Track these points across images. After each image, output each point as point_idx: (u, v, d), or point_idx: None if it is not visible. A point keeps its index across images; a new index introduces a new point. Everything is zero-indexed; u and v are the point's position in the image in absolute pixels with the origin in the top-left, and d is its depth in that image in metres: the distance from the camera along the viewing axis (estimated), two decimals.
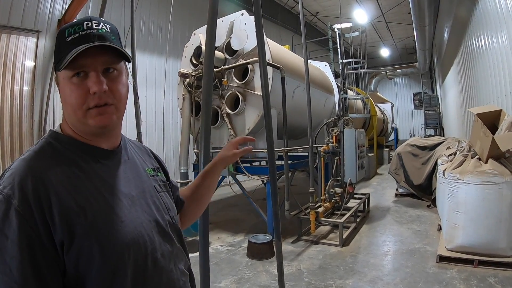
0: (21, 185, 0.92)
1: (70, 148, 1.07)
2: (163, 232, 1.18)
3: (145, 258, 1.06)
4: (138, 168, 1.26)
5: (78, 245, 0.94)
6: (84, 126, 1.07)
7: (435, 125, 23.61)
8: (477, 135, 5.12)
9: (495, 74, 6.96)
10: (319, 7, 17.92)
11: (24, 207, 0.90)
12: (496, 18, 6.52)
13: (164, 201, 1.27)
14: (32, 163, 0.99)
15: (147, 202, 1.18)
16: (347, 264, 5.07)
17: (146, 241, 1.08)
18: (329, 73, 11.00)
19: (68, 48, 1.02)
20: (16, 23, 7.10)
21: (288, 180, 6.40)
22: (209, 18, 2.33)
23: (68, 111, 1.08)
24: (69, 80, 1.03)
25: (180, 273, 1.22)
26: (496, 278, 4.32)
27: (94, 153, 1.11)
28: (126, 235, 1.02)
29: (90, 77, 1.03)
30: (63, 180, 0.98)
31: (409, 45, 24.46)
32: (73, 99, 1.03)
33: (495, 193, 4.54)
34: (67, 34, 1.04)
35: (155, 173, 1.34)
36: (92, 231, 0.96)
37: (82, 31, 1.04)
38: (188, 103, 6.53)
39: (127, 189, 1.13)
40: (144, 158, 1.35)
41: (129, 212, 1.08)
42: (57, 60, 1.05)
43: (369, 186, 11.75)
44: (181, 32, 11.10)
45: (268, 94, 2.76)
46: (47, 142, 1.08)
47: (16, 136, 7.11)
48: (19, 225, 0.88)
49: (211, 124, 6.66)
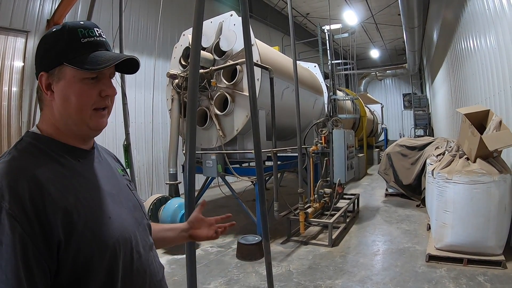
0: (11, 186, 0.90)
1: (52, 148, 1.07)
2: (141, 227, 1.23)
3: (131, 252, 1.11)
4: (112, 168, 1.29)
5: (75, 243, 0.94)
6: (81, 127, 1.10)
7: (425, 125, 23.77)
8: (465, 135, 5.16)
9: (483, 75, 7.02)
10: (309, 9, 17.95)
11: (16, 209, 0.88)
12: (485, 19, 6.58)
13: (137, 198, 1.32)
14: (20, 164, 0.98)
15: (126, 199, 1.22)
16: (336, 264, 5.07)
17: (131, 236, 1.12)
18: (319, 74, 11.03)
19: (85, 49, 1.07)
20: (5, 23, 6.99)
21: (277, 181, 6.40)
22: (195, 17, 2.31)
23: (66, 110, 1.07)
24: (80, 80, 1.06)
25: (159, 266, 1.29)
26: (485, 277, 4.35)
27: (75, 153, 1.12)
28: (115, 231, 1.06)
29: (105, 82, 1.11)
30: (53, 179, 0.98)
31: (399, 46, 24.62)
32: (83, 99, 1.07)
33: (483, 192, 4.57)
34: (80, 35, 1.08)
35: (124, 173, 1.39)
36: (86, 229, 0.98)
37: (96, 37, 1.11)
38: (177, 104, 6.50)
39: (108, 187, 1.15)
40: (111, 160, 1.38)
41: (113, 209, 1.11)
42: (66, 54, 1.06)
43: (359, 187, 11.80)
44: (171, 33, 11.04)
45: (255, 95, 2.75)
46: (27, 142, 1.06)
47: (4, 137, 7.01)
48: (12, 228, 0.86)
49: (200, 125, 6.73)
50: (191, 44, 2.42)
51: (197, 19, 2.33)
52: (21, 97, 7.33)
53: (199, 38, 2.40)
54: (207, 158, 6.50)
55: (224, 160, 6.51)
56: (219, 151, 6.62)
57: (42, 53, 1.08)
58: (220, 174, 6.47)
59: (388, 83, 29.64)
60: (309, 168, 6.82)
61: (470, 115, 5.11)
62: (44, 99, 1.10)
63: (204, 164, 6.55)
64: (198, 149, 6.87)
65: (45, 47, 1.08)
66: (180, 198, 6.17)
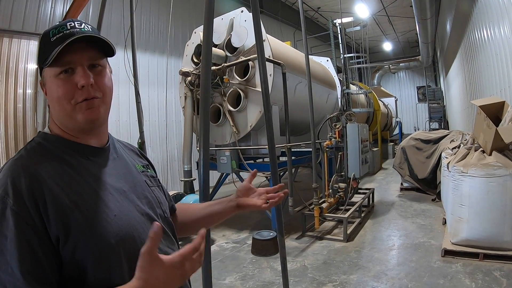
0: (14, 184, 0.93)
1: (59, 147, 1.09)
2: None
3: (139, 250, 1.06)
4: (128, 165, 1.28)
5: (73, 240, 0.94)
6: (73, 122, 1.09)
7: (440, 118, 23.42)
8: (480, 128, 5.09)
9: (498, 66, 6.91)
10: (320, 2, 17.84)
11: (19, 206, 0.90)
12: (498, 9, 6.47)
13: (156, 195, 1.30)
14: (23, 162, 1.00)
15: (139, 197, 1.20)
16: (351, 259, 5.06)
17: (140, 234, 1.09)
18: (331, 68, 10.96)
19: (53, 46, 1.04)
20: (17, 27, 7.10)
21: (291, 176, 6.39)
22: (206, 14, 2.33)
23: (56, 108, 1.10)
24: (56, 77, 1.06)
25: None
26: (501, 272, 4.30)
27: (83, 151, 1.13)
28: (120, 228, 1.04)
29: (77, 72, 1.06)
30: (55, 177, 0.99)
31: (412, 39, 24.31)
32: (60, 94, 1.06)
33: (499, 185, 4.51)
34: (51, 35, 1.07)
35: (145, 169, 1.36)
36: (86, 226, 0.97)
37: (66, 31, 1.07)
38: (190, 102, 6.54)
39: (118, 184, 1.15)
40: (133, 156, 1.37)
41: (121, 206, 1.10)
42: (42, 59, 1.07)
43: (374, 181, 11.73)
44: (182, 30, 11.09)
45: (268, 90, 2.76)
46: (36, 142, 1.10)
47: (20, 138, 7.14)
48: (16, 224, 0.89)
49: (214, 122, 6.76)
50: (203, 41, 2.44)
51: (207, 16, 2.35)
52: (36, 99, 7.45)
53: (211, 35, 2.42)
54: (221, 154, 6.52)
55: (238, 156, 6.53)
56: (233, 147, 6.63)
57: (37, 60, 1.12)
58: (235, 170, 6.49)
59: (402, 76, 29.34)
60: (323, 163, 6.81)
61: (485, 107, 5.03)
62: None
63: (218, 161, 6.58)
64: (212, 146, 6.90)
65: (38, 51, 1.11)
66: (195, 194, 6.22)
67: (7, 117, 6.93)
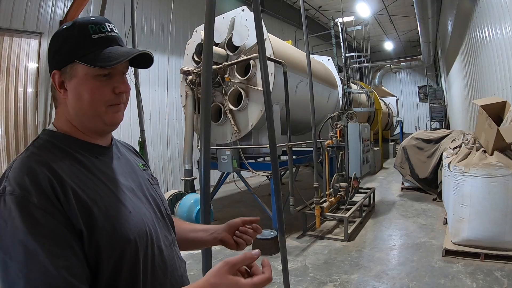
0: (35, 182, 0.90)
1: (69, 145, 1.07)
2: (162, 222, 1.23)
3: (152, 247, 1.10)
4: (132, 164, 1.29)
5: (97, 237, 0.94)
6: (97, 122, 1.10)
7: (441, 118, 23.39)
8: (482, 127, 5.07)
9: (500, 65, 6.89)
10: (321, 2, 17.82)
11: (44, 203, 0.88)
12: (500, 8, 6.45)
13: (158, 192, 1.32)
14: (37, 158, 0.98)
15: (145, 194, 1.22)
16: (352, 259, 5.06)
17: (151, 230, 1.11)
18: (332, 67, 10.97)
19: (97, 45, 1.06)
20: (18, 26, 7.11)
21: (292, 175, 6.38)
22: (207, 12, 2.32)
23: (82, 108, 1.07)
24: (93, 77, 1.05)
25: (180, 260, 1.27)
26: (502, 272, 4.29)
27: (93, 150, 1.12)
28: (135, 225, 1.05)
29: (117, 79, 1.10)
30: (70, 174, 0.98)
31: (413, 38, 24.26)
32: (98, 96, 1.06)
33: (501, 185, 4.49)
34: (91, 31, 1.06)
35: (145, 167, 1.38)
36: (108, 223, 0.97)
37: (108, 33, 1.10)
38: (191, 101, 6.54)
39: (127, 183, 1.16)
40: (132, 155, 1.38)
41: (134, 203, 1.11)
42: (77, 52, 1.05)
43: (375, 180, 11.72)
44: (183, 29, 11.09)
45: (269, 90, 2.75)
46: (44, 140, 1.07)
47: (21, 137, 7.15)
48: (45, 221, 0.87)
49: (215, 121, 6.75)
50: (204, 40, 2.43)
51: (208, 15, 2.34)
52: (37, 97, 7.46)
53: (212, 34, 2.41)
54: (222, 153, 6.52)
55: (239, 155, 6.52)
56: (234, 146, 6.63)
57: (54, 51, 1.08)
58: (235, 169, 6.49)
59: (403, 76, 29.30)
60: (325, 162, 6.80)
61: (486, 106, 5.01)
62: (58, 97, 1.10)
63: (219, 160, 6.58)
64: (213, 145, 6.90)
65: (56, 45, 1.07)
66: (195, 193, 6.21)
67: (8, 116, 6.95)
